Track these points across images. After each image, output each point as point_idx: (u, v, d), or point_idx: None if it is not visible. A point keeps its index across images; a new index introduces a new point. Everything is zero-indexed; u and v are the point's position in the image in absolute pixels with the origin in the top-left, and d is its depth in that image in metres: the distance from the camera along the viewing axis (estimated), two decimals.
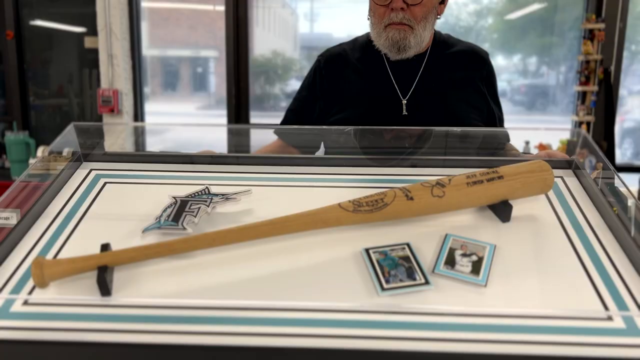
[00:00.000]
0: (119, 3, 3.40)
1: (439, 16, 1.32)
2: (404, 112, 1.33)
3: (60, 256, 0.81)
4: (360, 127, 1.16)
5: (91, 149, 1.08)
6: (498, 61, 3.94)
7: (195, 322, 0.69)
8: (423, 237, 0.82)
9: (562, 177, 0.99)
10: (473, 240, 0.80)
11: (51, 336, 0.68)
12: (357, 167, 1.04)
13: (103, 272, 0.73)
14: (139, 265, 0.77)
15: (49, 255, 0.81)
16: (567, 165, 1.01)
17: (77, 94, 3.87)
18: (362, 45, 1.40)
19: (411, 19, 1.24)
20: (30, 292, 0.74)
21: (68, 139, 1.05)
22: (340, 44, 1.45)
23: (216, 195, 0.92)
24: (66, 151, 1.04)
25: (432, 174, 0.96)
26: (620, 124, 3.91)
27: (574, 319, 0.68)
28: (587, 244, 0.81)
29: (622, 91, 3.80)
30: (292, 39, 4.14)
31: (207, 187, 0.96)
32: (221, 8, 3.64)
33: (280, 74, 4.02)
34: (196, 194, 0.93)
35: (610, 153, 3.30)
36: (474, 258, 0.76)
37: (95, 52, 3.66)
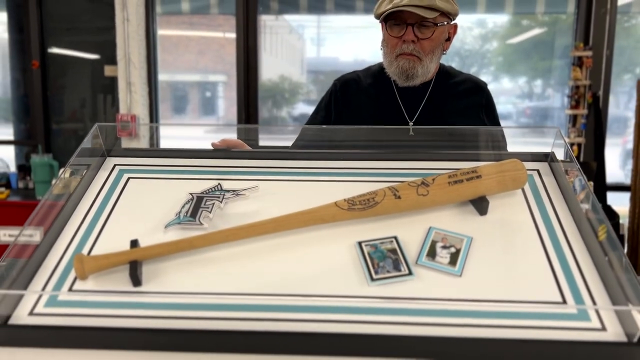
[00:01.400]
0: (137, 34, 3.58)
1: (444, 52, 1.46)
2: (411, 133, 1.46)
3: (94, 250, 0.89)
4: (365, 126, 1.25)
5: (112, 146, 1.15)
6: (504, 84, 4.02)
7: (213, 309, 0.78)
8: (409, 230, 0.91)
9: (538, 170, 1.05)
10: (453, 233, 0.89)
11: (93, 322, 0.78)
12: (356, 161, 1.10)
13: (134, 266, 0.83)
14: (164, 259, 0.86)
15: (85, 249, 0.89)
16: (544, 158, 1.08)
17: (91, 119, 4.03)
18: (374, 73, 1.55)
19: (420, 51, 1.38)
20: (72, 284, 0.83)
21: (92, 141, 1.11)
22: (355, 71, 1.60)
23: (227, 191, 1.01)
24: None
25: (427, 167, 1.06)
26: (623, 146, 3.97)
27: (532, 305, 0.78)
28: (554, 236, 0.89)
29: (628, 113, 3.88)
30: (299, 63, 4.23)
31: (219, 183, 1.03)
32: (231, 35, 3.80)
33: (287, 97, 4.11)
34: (210, 190, 1.01)
35: (600, 173, 3.40)
36: (453, 250, 0.86)
37: (109, 78, 3.83)
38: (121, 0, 3.56)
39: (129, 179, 1.07)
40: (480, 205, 0.94)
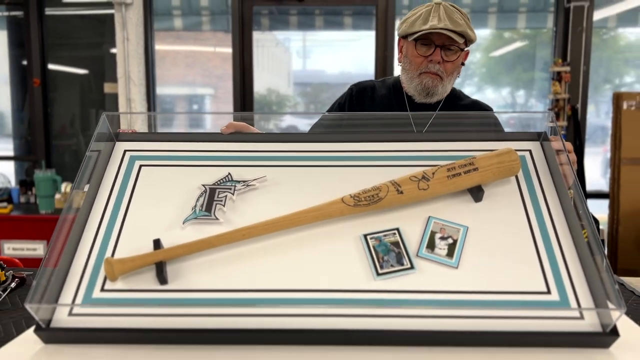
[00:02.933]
0: (136, 53, 3.68)
1: (458, 75, 1.57)
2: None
3: (118, 248, 0.95)
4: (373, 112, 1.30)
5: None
6: (487, 94, 4.14)
7: (234, 305, 0.86)
8: (410, 220, 0.98)
9: (530, 151, 1.09)
10: (450, 223, 0.96)
11: (127, 320, 0.85)
12: (361, 143, 1.12)
13: (160, 267, 0.89)
14: (184, 258, 0.93)
15: (109, 248, 0.94)
16: (537, 137, 1.12)
17: (83, 134, 4.09)
18: (389, 85, 1.64)
19: (444, 71, 1.48)
20: (103, 284, 0.90)
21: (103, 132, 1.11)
22: (372, 80, 1.69)
23: (238, 182, 1.04)
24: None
25: (431, 149, 1.10)
26: (604, 154, 4.10)
27: (518, 295, 0.87)
28: (542, 226, 0.96)
29: (609, 123, 3.99)
30: (285, 75, 4.25)
31: (229, 173, 1.06)
32: (220, 50, 3.87)
33: (275, 110, 4.15)
34: (221, 181, 1.04)
35: (580, 181, 3.55)
36: (450, 241, 0.94)
37: (99, 93, 3.93)
38: (121, 20, 3.66)
39: (141, 167, 1.08)
40: (477, 194, 1.01)
